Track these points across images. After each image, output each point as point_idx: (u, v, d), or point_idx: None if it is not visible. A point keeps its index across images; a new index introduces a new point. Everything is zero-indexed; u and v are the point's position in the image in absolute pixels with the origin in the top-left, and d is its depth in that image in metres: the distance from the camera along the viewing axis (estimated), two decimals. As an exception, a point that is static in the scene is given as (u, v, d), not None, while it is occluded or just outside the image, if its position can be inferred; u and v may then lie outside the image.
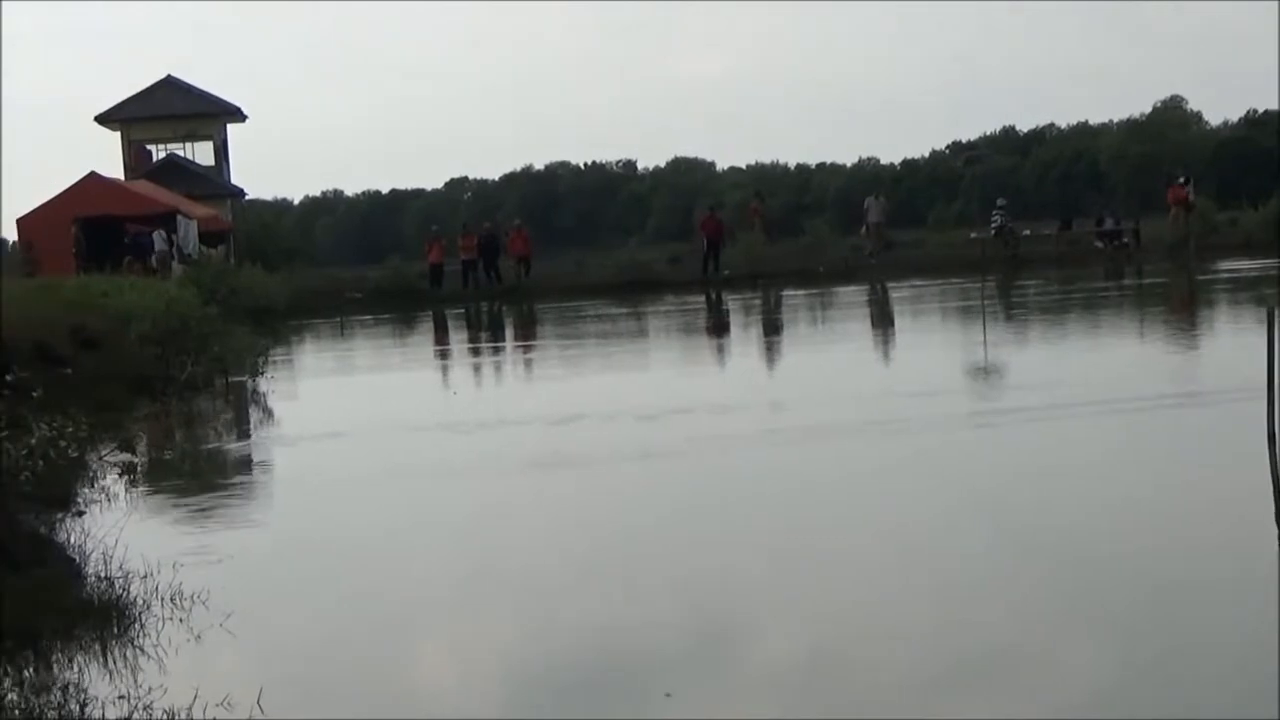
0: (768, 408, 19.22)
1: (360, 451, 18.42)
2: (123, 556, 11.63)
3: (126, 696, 8.61)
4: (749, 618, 10.09)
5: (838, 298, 43.24)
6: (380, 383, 28.67)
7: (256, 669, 9.28)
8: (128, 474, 17.21)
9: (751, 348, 31.16)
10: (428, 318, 46.66)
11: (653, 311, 42.62)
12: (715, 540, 12.36)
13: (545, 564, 11.93)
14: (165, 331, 26.94)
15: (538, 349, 33.87)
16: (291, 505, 15.44)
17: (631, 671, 9.00)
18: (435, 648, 10.09)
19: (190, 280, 40.99)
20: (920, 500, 13.34)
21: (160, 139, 72.79)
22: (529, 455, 16.84)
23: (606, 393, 23.38)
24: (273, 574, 12.15)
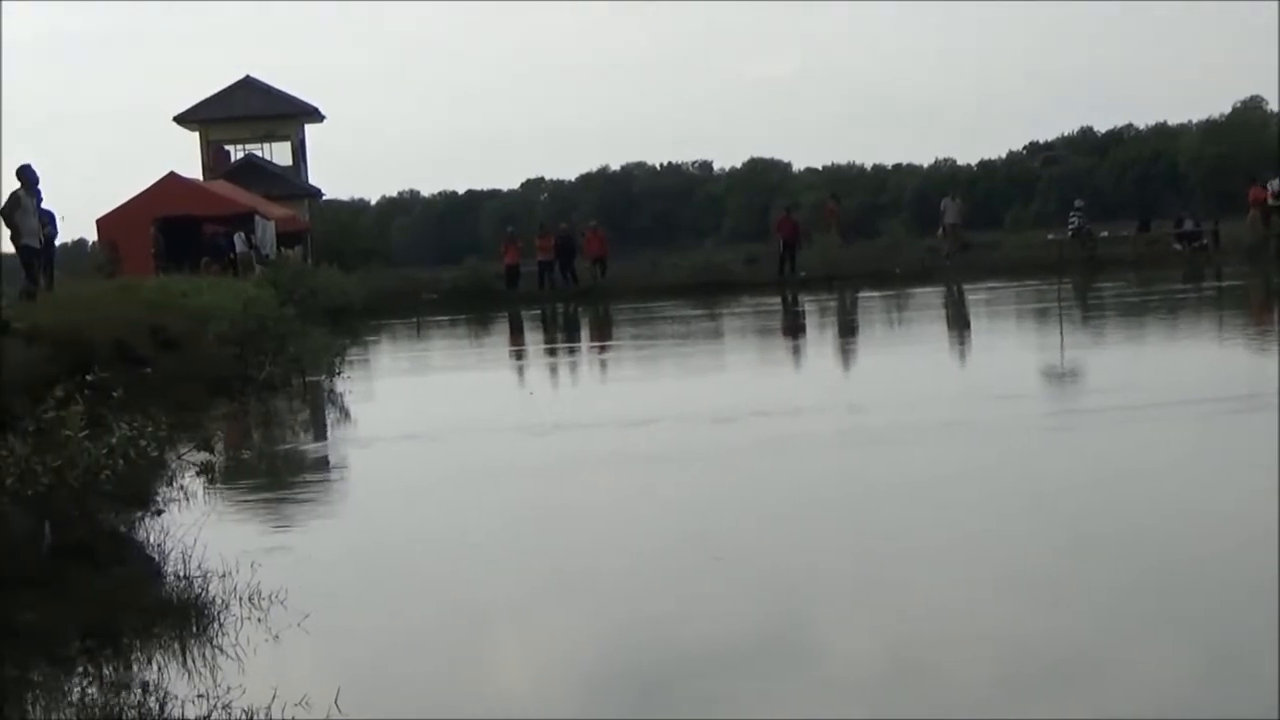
0: (844, 410, 19.14)
1: (436, 452, 18.46)
2: (201, 556, 11.69)
3: (205, 695, 8.65)
4: (838, 617, 10.08)
5: (914, 299, 43.07)
6: (456, 383, 28.72)
7: (334, 669, 9.31)
8: (206, 473, 17.29)
9: (827, 349, 31.05)
10: (504, 318, 46.69)
11: (728, 313, 42.54)
12: (797, 544, 12.31)
13: (620, 566, 11.91)
14: (243, 332, 27.07)
15: (613, 350, 33.86)
16: (368, 506, 15.48)
17: (705, 678, 8.98)
18: (511, 647, 10.11)
19: (268, 281, 41.18)
20: (1000, 503, 13.28)
21: (238, 139, 73.15)
22: (604, 457, 16.85)
23: (682, 394, 23.34)
24: (351, 574, 12.18)
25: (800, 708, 8.20)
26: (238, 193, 57.02)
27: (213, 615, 10.39)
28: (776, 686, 8.50)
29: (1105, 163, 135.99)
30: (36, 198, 27.54)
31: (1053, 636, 9.21)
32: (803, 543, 12.32)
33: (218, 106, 72.09)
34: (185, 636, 9.98)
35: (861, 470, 15.33)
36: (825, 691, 8.53)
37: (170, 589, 11.08)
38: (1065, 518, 12.61)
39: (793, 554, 11.90)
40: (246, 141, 73.29)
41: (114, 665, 9.46)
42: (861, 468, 15.48)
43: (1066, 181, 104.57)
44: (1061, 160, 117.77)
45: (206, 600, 10.70)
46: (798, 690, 8.48)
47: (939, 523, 12.64)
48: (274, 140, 73.50)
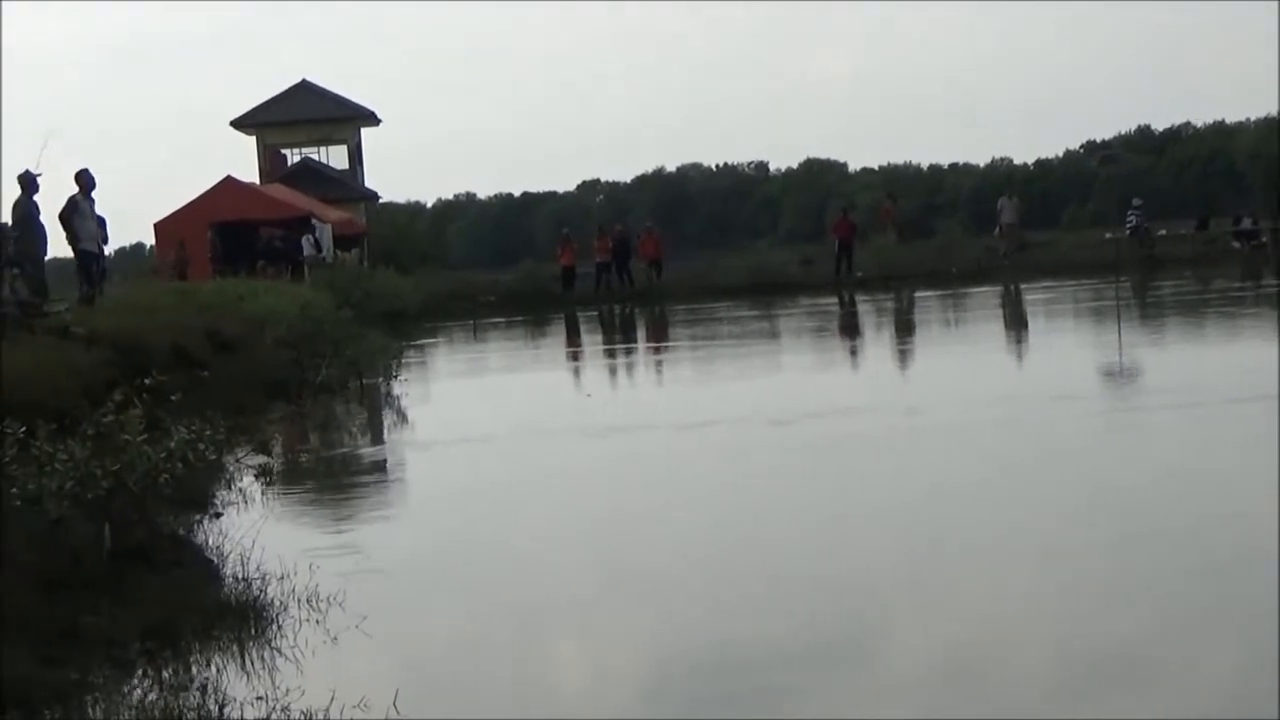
0: (902, 412, 19.03)
1: (493, 455, 18.45)
2: (260, 558, 11.75)
3: (264, 697, 8.69)
4: (907, 621, 10.07)
5: (971, 299, 42.91)
6: (513, 385, 28.72)
7: (392, 671, 9.34)
8: (264, 476, 17.37)
9: (884, 350, 30.95)
10: (560, 320, 46.72)
11: (784, 314, 42.45)
12: (855, 547, 12.30)
13: (677, 569, 11.91)
14: (300, 335, 27.17)
15: (670, 351, 33.83)
16: (426, 508, 15.52)
17: (765, 682, 8.97)
18: (569, 649, 10.12)
19: (325, 284, 41.30)
20: (1060, 503, 13.22)
21: (295, 143, 73.36)
22: (660, 460, 16.82)
23: (738, 396, 23.27)
24: (408, 577, 12.20)
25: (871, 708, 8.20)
26: (294, 196, 57.19)
27: (271, 617, 10.44)
28: (845, 692, 8.50)
29: (1163, 161, 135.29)
30: (92, 203, 27.66)
31: (1126, 637, 9.17)
32: (861, 546, 12.29)
33: (274, 111, 72.33)
34: (244, 638, 10.02)
35: (921, 472, 15.24)
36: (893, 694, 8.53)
37: (229, 591, 11.12)
38: (1130, 518, 12.52)
39: (851, 557, 11.88)
40: (303, 145, 73.48)
41: (174, 667, 9.51)
42: (921, 469, 15.40)
43: (1124, 180, 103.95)
44: (1119, 159, 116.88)
45: (265, 602, 10.74)
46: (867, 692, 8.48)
47: (1000, 524, 12.60)
48: (330, 144, 73.66)
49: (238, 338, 27.29)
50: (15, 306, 20.74)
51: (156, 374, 14.46)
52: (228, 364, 24.93)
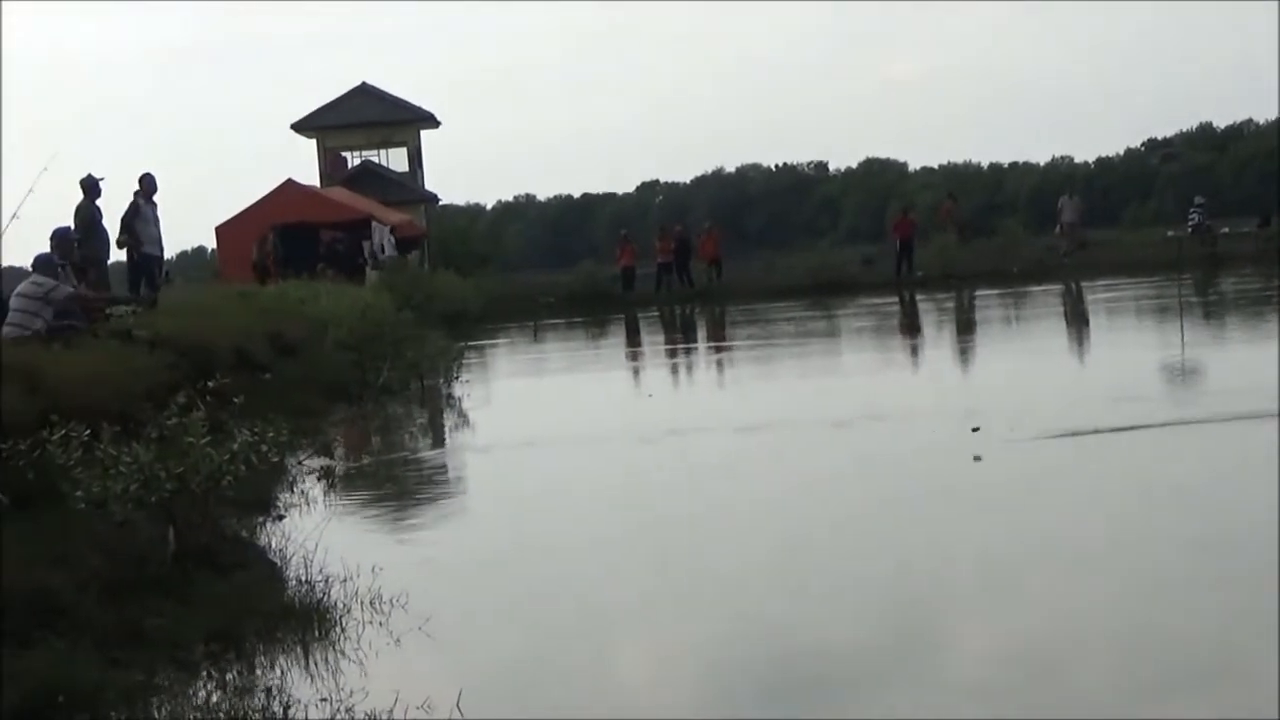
0: (962, 415, 18.91)
1: (554, 458, 18.45)
2: (322, 560, 11.78)
3: (328, 699, 8.72)
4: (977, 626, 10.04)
5: (1032, 299, 42.72)
6: (573, 387, 28.73)
7: (456, 672, 9.35)
8: (326, 478, 17.43)
9: (945, 350, 30.83)
10: (620, 321, 46.71)
11: (845, 314, 42.39)
12: (918, 553, 12.26)
13: (740, 571, 11.90)
14: (361, 337, 27.24)
15: (729, 352, 33.77)
16: (488, 510, 15.54)
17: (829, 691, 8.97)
18: (631, 650, 10.12)
19: (385, 286, 41.41)
20: (1125, 509, 13.15)
21: (355, 146, 73.55)
22: (720, 462, 16.75)
23: (798, 398, 23.23)
24: (471, 579, 12.23)
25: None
26: (355, 199, 57.33)
27: (334, 619, 10.48)
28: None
29: (1225, 158, 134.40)
30: (154, 207, 27.79)
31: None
32: (925, 551, 12.23)
33: (334, 114, 72.55)
34: (307, 640, 10.07)
35: (984, 477, 15.18)
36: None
37: (292, 593, 11.17)
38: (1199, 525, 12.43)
39: (916, 563, 11.83)
40: (363, 148, 73.67)
41: (238, 669, 9.55)
42: (981, 474, 15.33)
43: (1185, 178, 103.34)
44: (1180, 156, 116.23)
45: (328, 604, 10.79)
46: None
47: (1066, 531, 12.50)
48: (390, 146, 73.84)
49: (299, 340, 27.40)
50: (80, 310, 20.84)
51: (219, 377, 14.52)
52: (289, 366, 25.04)
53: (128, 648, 9.59)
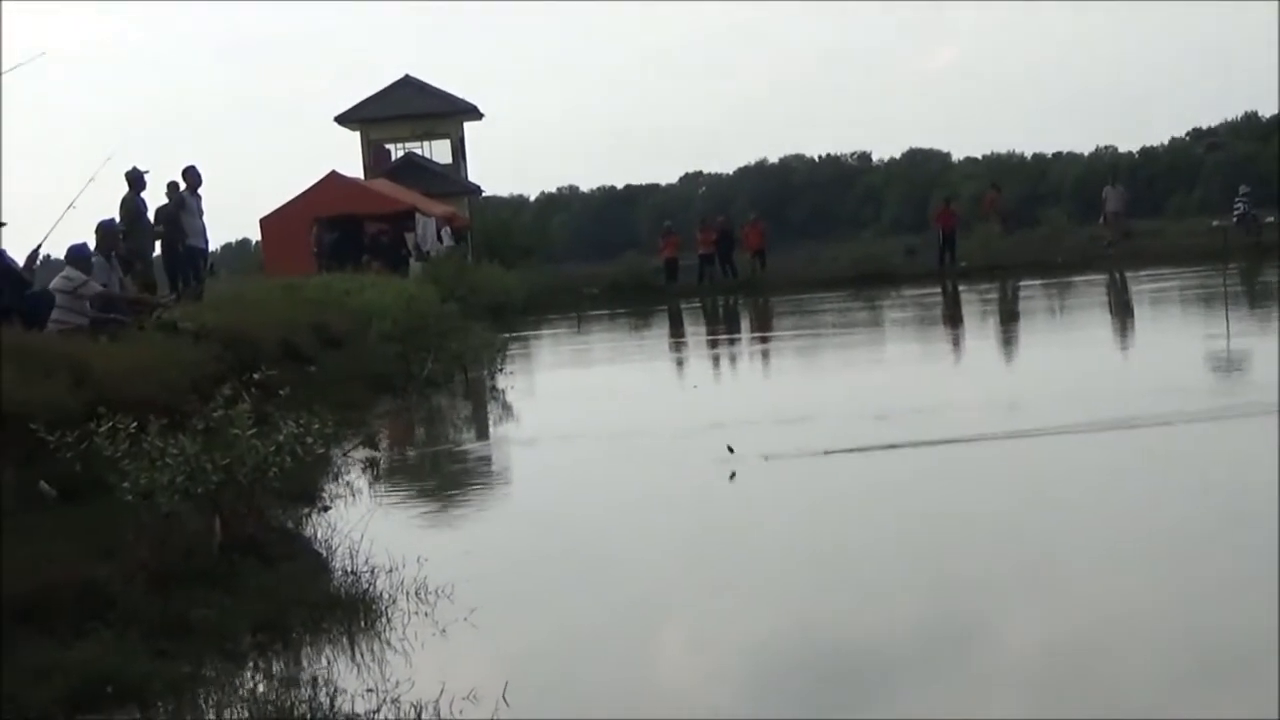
0: (1005, 407, 18.83)
1: (599, 450, 18.43)
2: (368, 551, 11.81)
3: (374, 690, 8.75)
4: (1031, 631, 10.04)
5: (1076, 289, 42.59)
6: (617, 378, 28.72)
7: (502, 663, 9.37)
8: (371, 470, 17.48)
9: (988, 342, 30.74)
10: (663, 313, 46.71)
11: (888, 304, 42.33)
12: (961, 551, 12.24)
13: (781, 567, 11.91)
14: (405, 329, 27.31)
15: (772, 343, 33.77)
16: (532, 502, 15.55)
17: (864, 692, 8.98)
18: (677, 643, 10.13)
19: (429, 278, 41.50)
20: (1165, 506, 13.10)
21: (398, 138, 73.69)
22: (763, 455, 16.66)
23: (842, 390, 23.18)
24: (516, 570, 12.24)
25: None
26: (398, 191, 57.43)
27: (380, 610, 10.52)
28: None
29: (1270, 148, 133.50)
30: (198, 199, 27.91)
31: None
32: (968, 549, 12.21)
33: (378, 106, 72.66)
34: (353, 631, 10.11)
35: (1024, 470, 15.13)
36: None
37: (338, 584, 11.21)
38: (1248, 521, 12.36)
39: (958, 562, 11.82)
40: (406, 140, 73.81)
41: (284, 660, 9.60)
42: (1024, 467, 15.28)
43: (1230, 167, 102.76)
44: (1225, 146, 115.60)
45: (374, 595, 10.82)
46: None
47: (1110, 529, 12.44)
48: (433, 138, 73.95)
49: (344, 333, 27.50)
50: (125, 303, 20.95)
51: (265, 369, 14.58)
52: (334, 359, 25.14)
53: (175, 638, 9.64)
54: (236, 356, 19.19)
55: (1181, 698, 8.14)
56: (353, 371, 24.62)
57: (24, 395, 13.56)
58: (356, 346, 27.35)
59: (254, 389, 13.33)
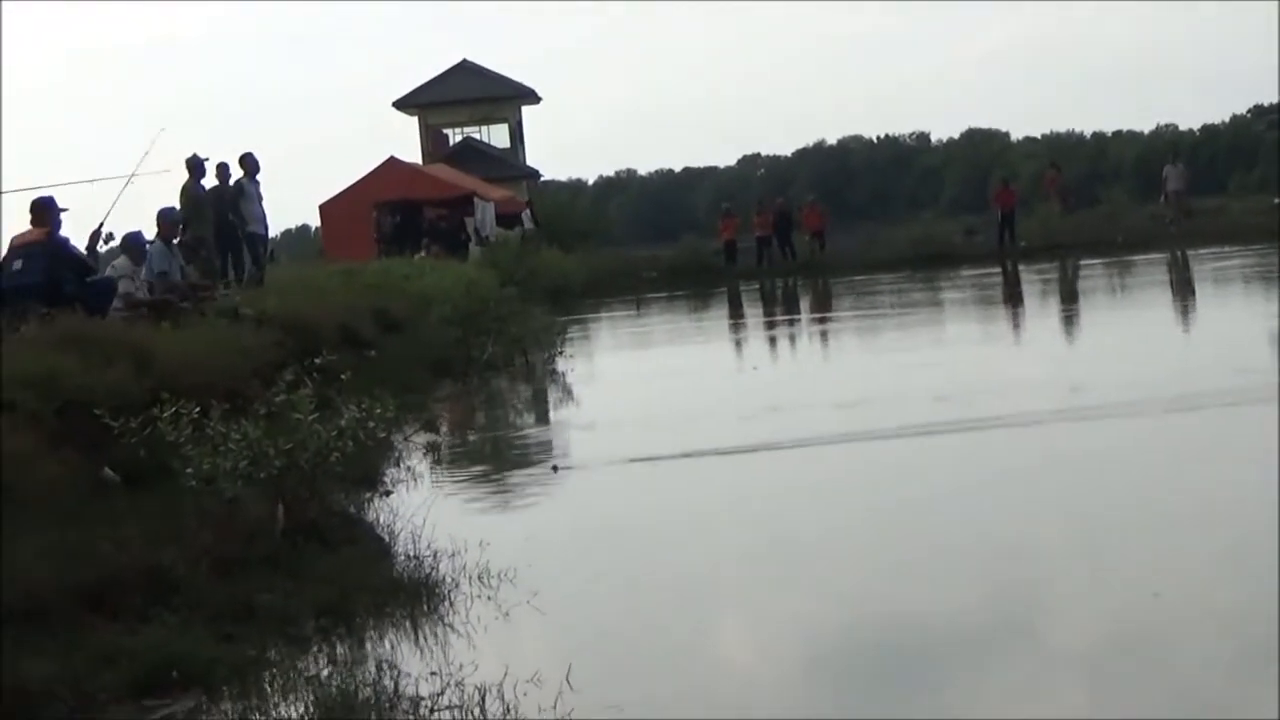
0: (1066, 389, 18.68)
1: (658, 434, 18.36)
2: (430, 535, 11.85)
3: (438, 672, 8.77)
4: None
5: (1137, 268, 42.35)
6: (676, 361, 28.68)
7: (565, 646, 9.38)
8: (432, 454, 17.53)
9: (1048, 322, 30.61)
10: (723, 295, 46.65)
11: (948, 285, 42.19)
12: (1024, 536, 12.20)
13: (844, 551, 11.91)
14: (465, 313, 27.35)
15: (831, 325, 33.71)
16: (593, 486, 15.53)
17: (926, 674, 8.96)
18: (740, 626, 10.13)
19: (488, 262, 41.56)
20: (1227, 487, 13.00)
21: (456, 123, 73.86)
22: (822, 439, 16.59)
23: (901, 371, 23.06)
24: (577, 554, 12.27)
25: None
26: (457, 176, 57.54)
27: (443, 594, 10.55)
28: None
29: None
30: (257, 185, 28.01)
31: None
32: (1031, 532, 12.17)
33: (435, 91, 72.84)
34: (416, 615, 10.14)
35: (1083, 452, 15.01)
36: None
37: (400, 568, 11.25)
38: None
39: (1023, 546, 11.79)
40: (464, 125, 73.99)
41: (348, 644, 9.64)
42: (1083, 450, 15.15)
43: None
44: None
45: (436, 579, 10.86)
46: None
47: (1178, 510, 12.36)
48: (491, 123, 74.13)
49: (404, 317, 27.58)
50: (187, 289, 21.05)
51: (325, 354, 14.63)
52: (394, 343, 25.21)
53: (239, 623, 9.70)
54: (297, 342, 19.26)
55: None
56: (412, 356, 24.70)
57: (87, 382, 13.64)
58: (416, 331, 27.43)
59: (315, 374, 13.39)
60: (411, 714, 8.13)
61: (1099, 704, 7.89)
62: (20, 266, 17.90)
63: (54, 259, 18.15)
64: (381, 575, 10.99)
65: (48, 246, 18.18)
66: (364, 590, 10.45)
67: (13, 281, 17.72)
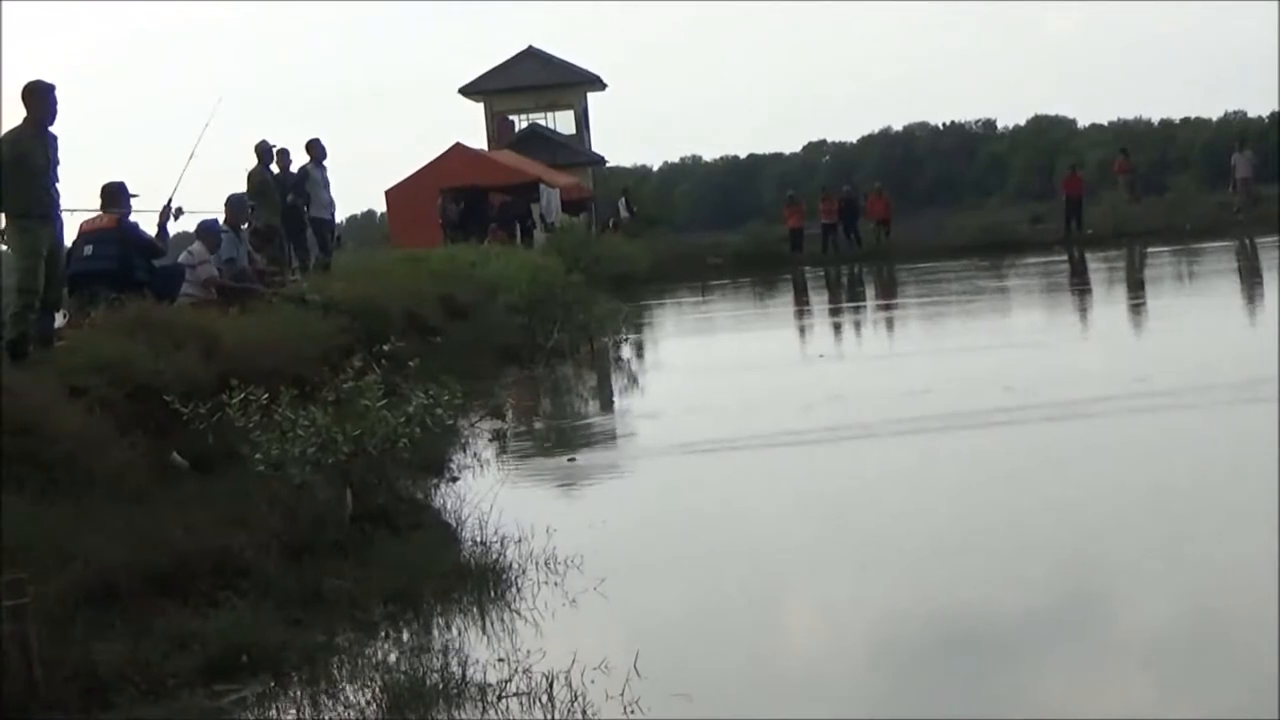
0: (1131, 378, 18.55)
1: (723, 420, 18.33)
2: (496, 521, 11.88)
3: (505, 659, 8.80)
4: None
5: (1205, 256, 42.07)
6: (741, 348, 28.65)
7: (632, 633, 9.40)
8: (498, 440, 17.57)
9: (1115, 310, 30.46)
10: (788, 282, 46.57)
11: (1015, 272, 42.02)
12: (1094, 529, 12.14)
13: (907, 538, 11.88)
14: (531, 300, 27.40)
15: (896, 312, 33.61)
16: (658, 474, 15.53)
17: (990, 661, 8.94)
18: (806, 614, 10.14)
19: (554, 249, 41.61)
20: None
21: (522, 109, 73.90)
22: (885, 428, 16.53)
23: (966, 359, 22.96)
24: (643, 541, 12.29)
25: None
26: (523, 162, 57.63)
27: (510, 580, 10.58)
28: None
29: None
30: (323, 171, 28.07)
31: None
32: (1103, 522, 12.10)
33: (501, 77, 72.92)
34: (483, 601, 10.18)
35: (1149, 444, 14.95)
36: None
37: (467, 554, 11.29)
38: None
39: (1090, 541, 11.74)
40: (530, 111, 74.02)
41: (415, 629, 9.67)
42: (1149, 441, 15.10)
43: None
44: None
45: (503, 565, 10.89)
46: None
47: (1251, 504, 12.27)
48: (557, 109, 74.16)
49: (470, 304, 27.65)
50: (255, 275, 21.14)
51: (392, 340, 14.68)
52: (460, 330, 25.28)
53: (308, 608, 9.76)
54: (364, 328, 19.35)
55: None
56: (479, 342, 24.77)
57: (156, 367, 13.74)
58: (482, 317, 27.50)
59: (383, 360, 13.45)
60: (479, 701, 8.15)
61: (1180, 693, 7.88)
62: (91, 252, 18.00)
63: (125, 244, 18.26)
64: (448, 561, 11.02)
65: (119, 231, 18.29)
66: (431, 576, 10.49)
67: (83, 266, 17.81)
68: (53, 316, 15.90)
